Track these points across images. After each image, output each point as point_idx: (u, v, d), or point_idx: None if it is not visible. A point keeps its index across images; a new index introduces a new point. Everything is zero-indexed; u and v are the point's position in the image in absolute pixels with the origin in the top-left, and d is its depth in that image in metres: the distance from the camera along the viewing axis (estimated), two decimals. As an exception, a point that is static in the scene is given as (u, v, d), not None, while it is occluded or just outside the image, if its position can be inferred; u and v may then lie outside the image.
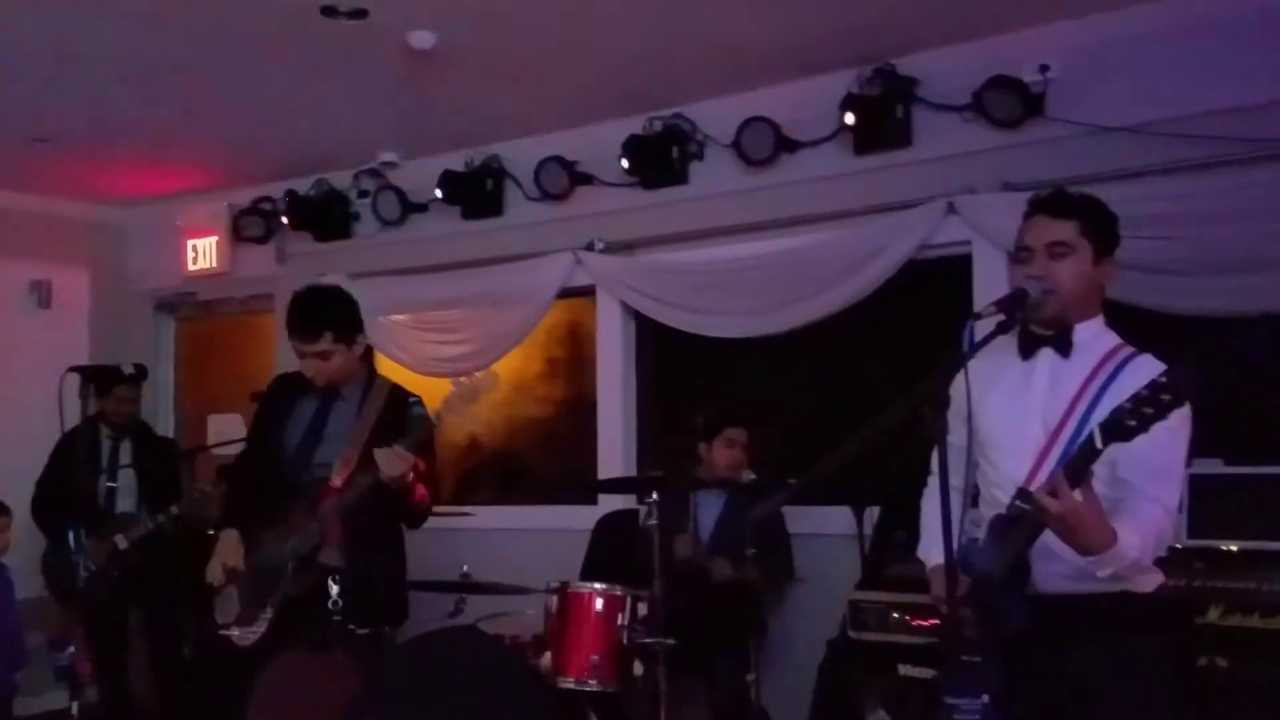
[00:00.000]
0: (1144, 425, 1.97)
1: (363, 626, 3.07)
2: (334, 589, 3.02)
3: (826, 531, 4.22)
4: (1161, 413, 1.95)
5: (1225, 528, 3.26)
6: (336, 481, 3.25)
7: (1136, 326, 2.48)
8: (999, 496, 2.31)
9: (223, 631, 3.26)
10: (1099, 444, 2.02)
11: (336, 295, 3.53)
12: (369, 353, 3.55)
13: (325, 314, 3.35)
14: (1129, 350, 2.34)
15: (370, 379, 3.43)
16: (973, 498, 2.43)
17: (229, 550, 3.31)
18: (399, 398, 3.39)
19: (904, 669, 3.61)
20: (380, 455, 3.11)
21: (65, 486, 4.83)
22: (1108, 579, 2.14)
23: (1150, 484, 2.18)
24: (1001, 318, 2.25)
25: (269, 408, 3.55)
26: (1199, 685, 2.95)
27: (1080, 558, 2.11)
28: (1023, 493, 2.18)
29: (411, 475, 3.16)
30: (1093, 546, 2.09)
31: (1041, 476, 2.22)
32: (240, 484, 3.62)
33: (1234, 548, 3.23)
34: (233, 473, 3.94)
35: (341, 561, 3.12)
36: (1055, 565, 2.18)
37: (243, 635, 3.20)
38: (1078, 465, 2.07)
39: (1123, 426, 1.99)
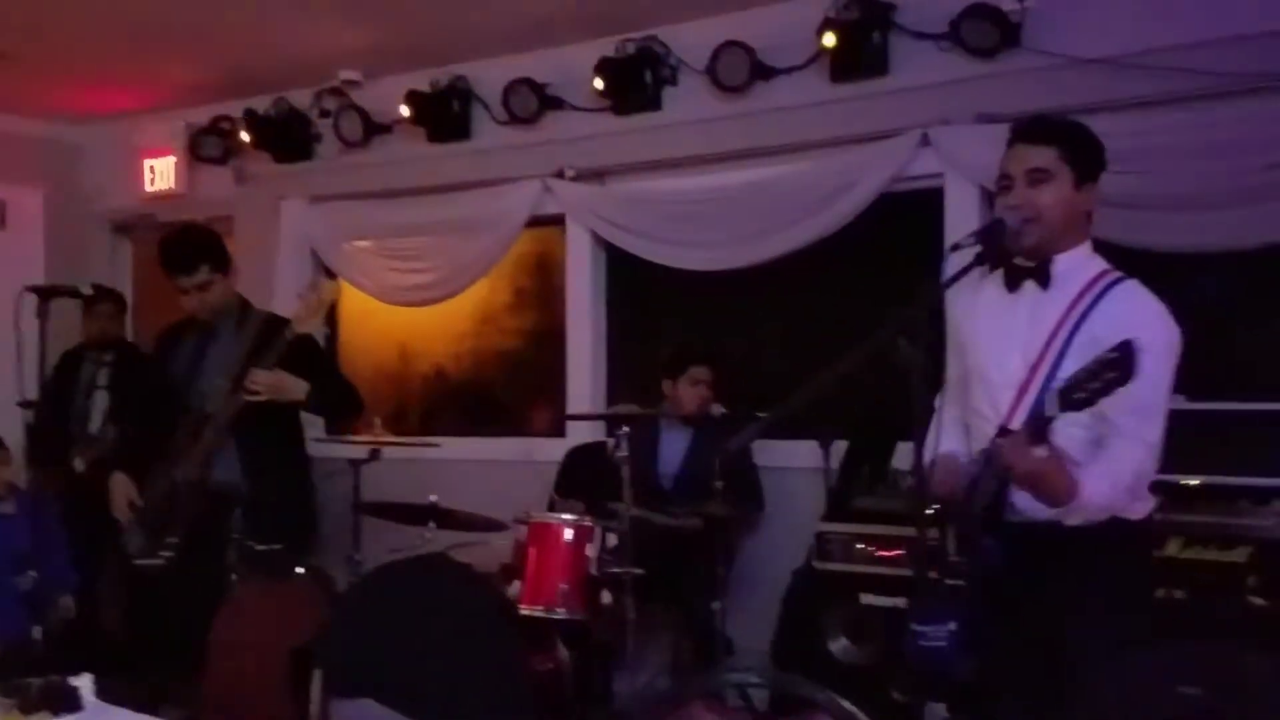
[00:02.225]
0: (1092, 399, 1.97)
1: (263, 543, 3.31)
2: (236, 509, 3.33)
3: (793, 465, 4.24)
4: (1106, 389, 1.95)
5: (1186, 463, 3.29)
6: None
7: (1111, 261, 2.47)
8: (984, 428, 2.32)
9: (137, 562, 3.52)
10: (1048, 411, 2.03)
11: (204, 230, 3.83)
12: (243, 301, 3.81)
13: (198, 248, 3.60)
14: (1112, 277, 2.32)
15: (244, 312, 3.67)
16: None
17: (125, 489, 3.59)
18: (274, 325, 3.59)
19: (867, 598, 3.68)
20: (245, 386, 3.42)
21: (52, 417, 4.80)
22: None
23: (1131, 420, 2.18)
24: (979, 249, 2.23)
25: (157, 352, 3.86)
26: (1158, 617, 3.01)
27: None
28: (1004, 430, 2.18)
29: (277, 380, 3.42)
30: (1055, 500, 2.11)
31: (1021, 411, 2.23)
32: (132, 426, 3.96)
33: (1194, 482, 3.27)
34: (123, 411, 4.38)
35: (239, 479, 3.47)
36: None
37: (153, 563, 3.46)
38: (1038, 425, 2.07)
39: (1071, 400, 1.99)
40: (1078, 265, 2.34)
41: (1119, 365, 1.94)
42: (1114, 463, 2.17)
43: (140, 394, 3.97)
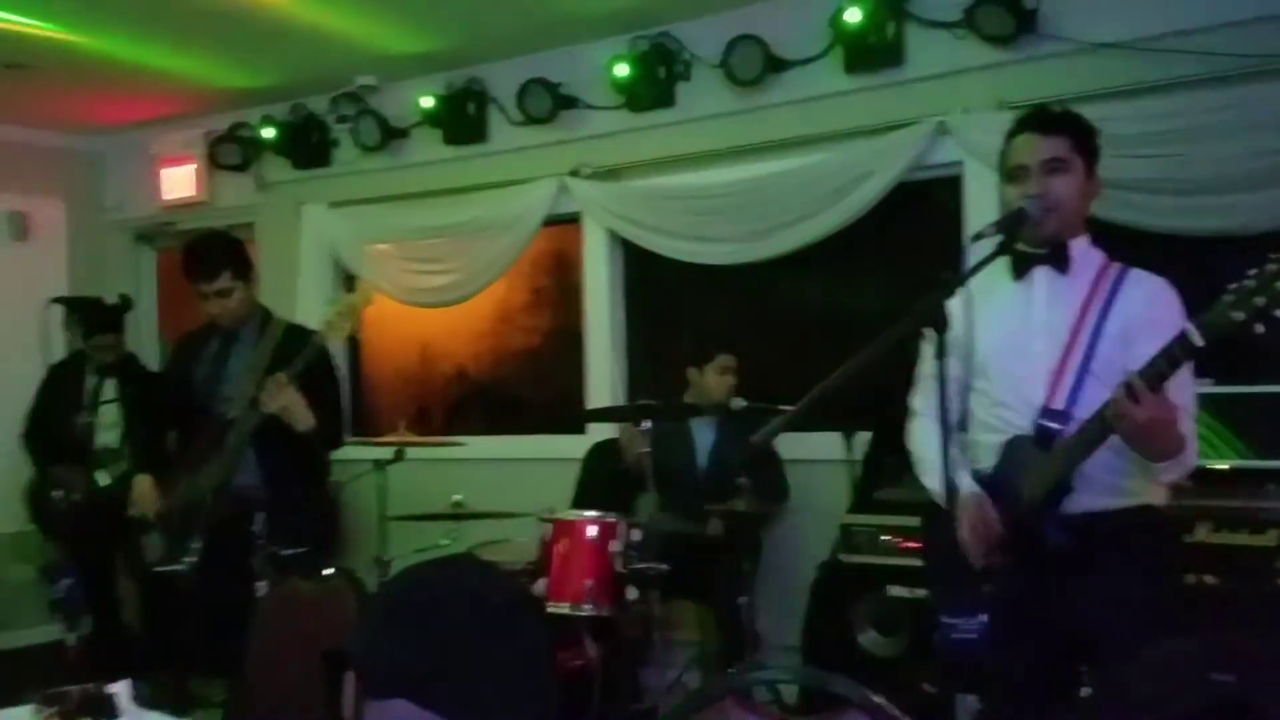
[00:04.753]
0: (1254, 317, 1.85)
1: (286, 547, 3.31)
2: (257, 514, 3.28)
3: (818, 457, 4.23)
4: (1276, 301, 1.84)
5: (1215, 446, 3.28)
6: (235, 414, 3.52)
7: (1121, 247, 2.46)
8: (1007, 417, 2.30)
9: (157, 569, 3.51)
10: (1198, 341, 1.95)
11: (227, 237, 3.82)
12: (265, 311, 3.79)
13: (221, 254, 3.59)
14: (1120, 265, 2.34)
15: (266, 320, 3.68)
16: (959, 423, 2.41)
17: (147, 493, 3.58)
18: (296, 334, 3.59)
19: (893, 590, 3.67)
20: (267, 383, 3.39)
21: (46, 420, 4.82)
22: (1138, 490, 2.17)
23: (1176, 393, 2.15)
24: (1001, 238, 2.22)
25: (177, 357, 3.84)
26: (1188, 602, 2.99)
27: (1151, 464, 2.12)
28: (1048, 411, 2.17)
29: (295, 400, 3.38)
30: (1169, 451, 2.09)
31: (1061, 393, 2.21)
32: (149, 429, 3.92)
33: (1223, 466, 3.25)
34: (137, 420, 4.35)
35: (260, 486, 3.45)
36: (1088, 481, 2.18)
37: (174, 569, 3.42)
38: (1162, 368, 2.00)
39: (1228, 319, 1.88)
40: (1086, 252, 2.36)
41: None
42: (1187, 429, 2.17)
43: (157, 403, 3.97)
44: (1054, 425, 2.20)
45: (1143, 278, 2.30)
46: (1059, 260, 2.32)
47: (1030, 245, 2.33)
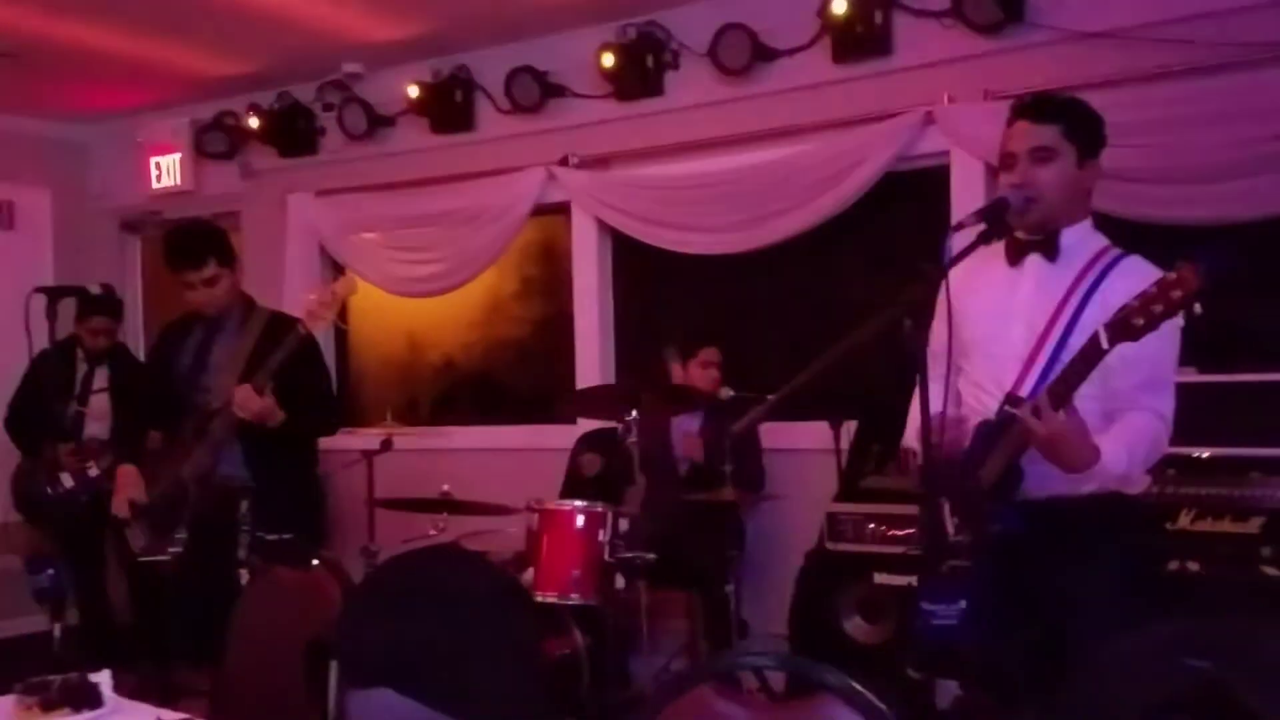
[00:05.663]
0: (1152, 323, 1.94)
1: (272, 533, 3.32)
2: (243, 502, 3.30)
3: (804, 446, 4.25)
4: (1171, 309, 1.92)
5: (1198, 434, 3.29)
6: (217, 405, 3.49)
7: (1115, 237, 2.46)
8: (983, 400, 2.31)
9: (142, 559, 3.49)
10: (1105, 344, 2.00)
11: (211, 225, 3.82)
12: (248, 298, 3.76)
13: (205, 242, 3.57)
14: (1117, 252, 2.32)
15: (250, 309, 3.65)
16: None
17: (132, 484, 3.54)
18: (279, 323, 3.56)
19: (879, 577, 3.69)
20: (236, 393, 3.33)
21: (34, 408, 4.79)
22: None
23: (1143, 394, 2.18)
24: (983, 227, 2.22)
25: (160, 348, 3.81)
26: (1171, 590, 3.01)
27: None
28: (1013, 399, 2.18)
29: (266, 407, 3.33)
30: (1076, 466, 2.11)
31: (1030, 380, 2.23)
32: (132, 421, 3.91)
33: (1206, 454, 3.27)
34: (125, 411, 4.33)
35: (245, 474, 3.44)
36: (1049, 468, 2.18)
37: (160, 560, 3.41)
38: (1080, 369, 2.04)
39: (1129, 325, 1.96)
40: (1083, 239, 2.34)
41: (1181, 284, 1.91)
42: (1132, 433, 2.18)
43: (140, 393, 3.95)
44: (1015, 412, 2.20)
45: (1132, 267, 2.27)
46: (1048, 248, 2.32)
47: (1025, 232, 2.33)
